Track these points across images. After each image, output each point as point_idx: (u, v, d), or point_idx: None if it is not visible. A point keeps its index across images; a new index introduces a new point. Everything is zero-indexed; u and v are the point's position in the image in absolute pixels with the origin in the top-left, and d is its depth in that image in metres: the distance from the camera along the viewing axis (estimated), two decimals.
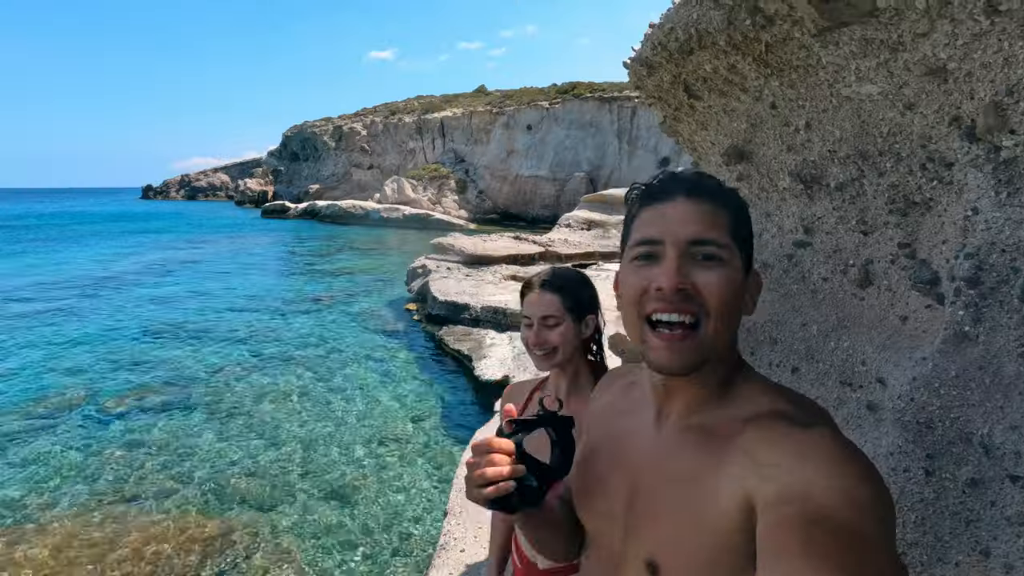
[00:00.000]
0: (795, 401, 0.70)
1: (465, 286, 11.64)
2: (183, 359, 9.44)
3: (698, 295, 0.67)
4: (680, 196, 0.71)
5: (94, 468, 5.88)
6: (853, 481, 0.56)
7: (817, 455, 0.59)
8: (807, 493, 0.55)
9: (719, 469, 0.65)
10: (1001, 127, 0.91)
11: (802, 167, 1.51)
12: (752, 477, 0.61)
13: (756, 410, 0.69)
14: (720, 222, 0.69)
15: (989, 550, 0.88)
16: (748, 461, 0.63)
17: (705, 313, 0.67)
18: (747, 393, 0.72)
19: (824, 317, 1.59)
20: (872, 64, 1.07)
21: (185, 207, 64.70)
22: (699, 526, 0.65)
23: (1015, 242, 0.93)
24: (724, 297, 0.67)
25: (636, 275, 0.71)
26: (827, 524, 0.52)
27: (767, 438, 0.64)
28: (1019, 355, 0.90)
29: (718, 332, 0.68)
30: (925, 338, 1.19)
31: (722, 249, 0.68)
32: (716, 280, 0.67)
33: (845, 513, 0.53)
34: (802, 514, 0.54)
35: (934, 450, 0.98)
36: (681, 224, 0.69)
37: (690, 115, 1.78)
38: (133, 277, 17.55)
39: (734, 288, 0.69)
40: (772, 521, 0.56)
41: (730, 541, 0.62)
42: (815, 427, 0.64)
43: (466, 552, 3.12)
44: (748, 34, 1.20)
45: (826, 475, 0.56)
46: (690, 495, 0.67)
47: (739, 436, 0.66)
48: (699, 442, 0.70)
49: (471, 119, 44.32)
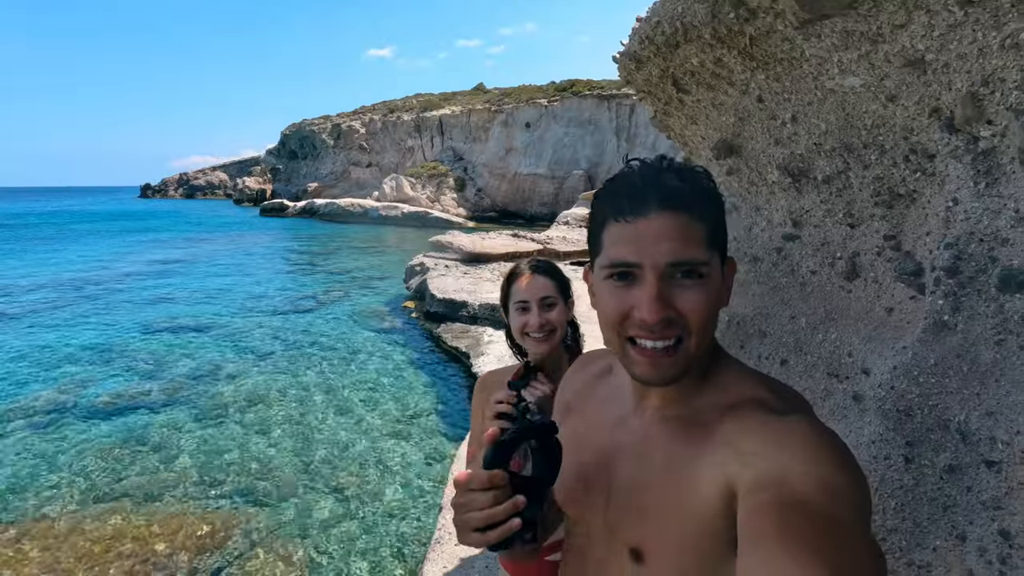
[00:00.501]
0: (773, 389, 0.71)
1: (463, 284, 11.65)
2: (180, 357, 9.45)
3: (680, 317, 0.66)
4: (653, 211, 0.66)
5: (90, 466, 5.89)
6: (829, 468, 0.57)
7: (794, 442, 0.60)
8: (783, 479, 0.56)
9: (700, 457, 0.66)
10: (978, 118, 0.92)
11: (789, 160, 1.52)
12: (733, 464, 0.62)
13: (735, 398, 0.70)
14: (698, 235, 0.66)
15: (965, 534, 0.89)
16: (729, 449, 0.64)
17: (687, 332, 0.67)
18: (725, 380, 0.73)
19: (812, 310, 1.60)
20: (854, 56, 1.08)
21: (183, 206, 64.62)
22: (682, 513, 0.66)
23: (993, 232, 0.94)
24: (706, 313, 0.67)
25: (615, 297, 0.69)
26: (802, 509, 0.53)
27: (746, 426, 0.65)
28: (996, 343, 0.91)
29: (700, 343, 0.68)
30: (909, 329, 1.21)
31: (702, 265, 0.66)
32: (698, 299, 0.66)
33: (820, 499, 0.54)
34: (778, 500, 0.55)
35: (913, 437, 0.99)
36: (657, 244, 0.65)
37: (679, 109, 1.79)
38: (131, 276, 17.53)
39: (715, 299, 0.69)
40: (750, 507, 0.57)
41: (712, 527, 0.63)
42: (792, 415, 0.65)
43: (460, 546, 3.13)
44: (732, 27, 1.21)
45: (802, 462, 0.57)
46: (672, 482, 0.68)
47: (719, 424, 0.67)
48: (679, 431, 0.71)
49: (470, 117, 44.28)
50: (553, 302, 1.45)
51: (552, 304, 1.44)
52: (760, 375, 0.75)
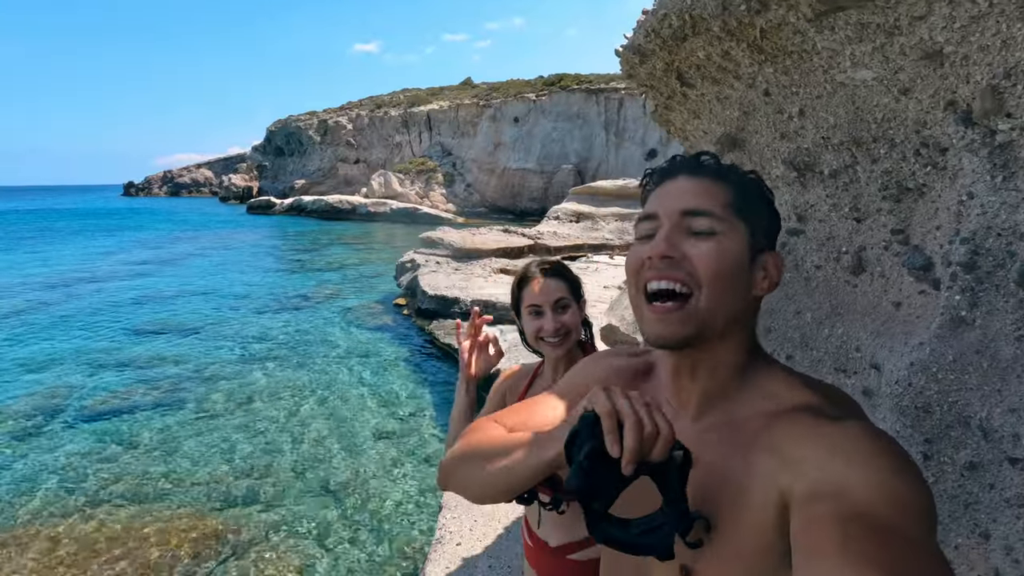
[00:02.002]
0: (823, 392, 0.68)
1: (455, 280, 11.60)
2: (169, 358, 9.33)
3: (688, 264, 0.67)
4: (682, 174, 0.72)
5: (81, 470, 5.80)
6: (889, 475, 0.54)
7: (849, 449, 0.57)
8: (842, 489, 0.53)
9: (749, 467, 0.64)
10: (998, 111, 0.91)
11: (795, 155, 1.51)
12: (784, 474, 0.59)
13: (782, 404, 0.67)
14: (717, 195, 0.70)
15: (989, 532, 0.88)
16: (779, 457, 0.61)
17: (696, 284, 0.67)
18: (770, 385, 0.70)
19: (818, 305, 1.60)
20: (868, 49, 1.06)
21: (168, 204, 63.75)
22: (732, 526, 0.63)
23: (1011, 226, 0.93)
24: (715, 268, 0.66)
25: (636, 251, 0.73)
26: (864, 521, 0.50)
27: (796, 433, 0.62)
28: (1016, 338, 0.90)
29: (711, 303, 0.67)
30: (919, 323, 1.20)
31: (716, 221, 0.68)
32: (707, 251, 0.67)
33: (883, 510, 0.51)
34: (837, 512, 0.52)
35: (932, 434, 0.98)
36: (676, 198, 0.71)
37: (682, 103, 1.77)
38: (116, 276, 17.27)
39: (730, 261, 0.67)
40: (806, 519, 0.54)
41: (764, 539, 0.60)
42: (846, 420, 0.62)
43: (462, 545, 3.12)
44: (743, 20, 1.19)
45: (861, 470, 0.54)
46: (722, 494, 0.65)
47: (766, 432, 0.65)
48: (725, 439, 0.68)
49: (458, 112, 44.06)
50: (567, 304, 1.44)
51: (566, 306, 1.44)
52: (809, 379, 0.72)
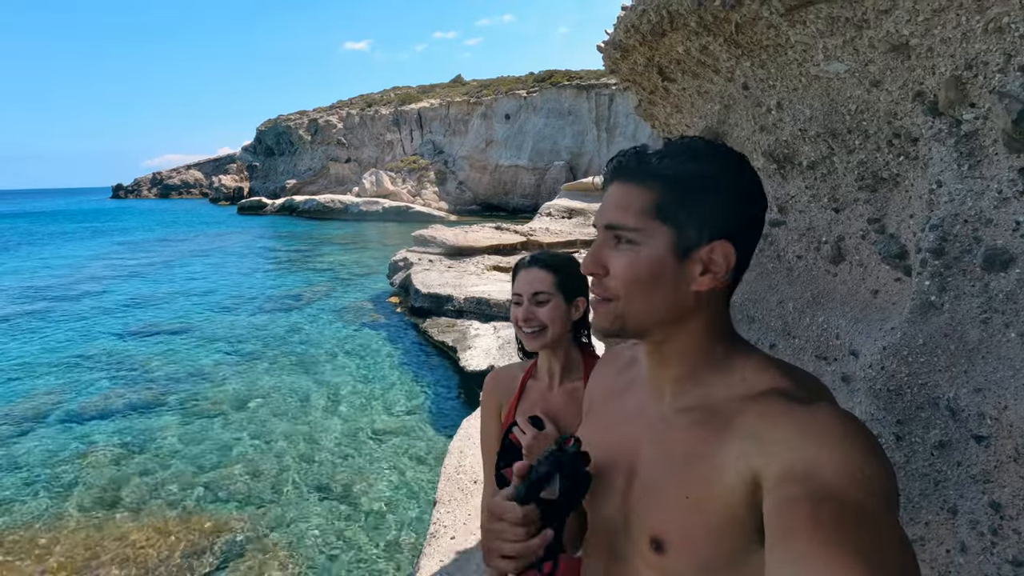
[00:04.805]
0: (795, 377, 0.71)
1: (448, 277, 11.61)
2: (162, 360, 9.29)
3: (608, 278, 0.72)
4: (615, 180, 0.75)
5: (74, 473, 5.78)
6: (857, 457, 0.56)
7: (820, 431, 0.59)
8: (812, 471, 0.56)
9: (722, 447, 0.66)
10: (961, 101, 0.94)
11: (775, 147, 1.54)
12: (756, 455, 0.62)
13: (756, 388, 0.69)
14: (635, 202, 0.71)
15: (956, 508, 0.92)
16: (752, 440, 0.63)
17: (615, 293, 0.72)
18: (744, 369, 0.73)
19: (799, 294, 1.63)
20: (839, 42, 1.09)
21: (158, 205, 63.25)
22: (705, 502, 0.65)
23: (976, 213, 0.96)
24: (628, 278, 0.71)
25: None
26: (833, 502, 0.52)
27: (768, 415, 0.64)
28: (982, 321, 0.93)
29: (630, 307, 0.72)
30: (894, 310, 1.23)
31: (632, 232, 0.71)
32: (622, 263, 0.71)
33: (851, 490, 0.53)
34: (809, 492, 0.54)
35: (904, 416, 1.01)
36: (604, 210, 0.74)
37: (665, 98, 1.80)
38: (107, 279, 17.15)
39: (645, 268, 0.70)
40: (779, 499, 0.56)
41: (736, 516, 0.62)
42: (816, 403, 0.64)
43: (456, 539, 3.14)
44: (718, 15, 1.22)
45: (830, 452, 0.56)
46: (694, 472, 0.68)
47: (740, 415, 0.67)
48: (700, 421, 0.71)
49: (449, 109, 43.96)
50: (546, 298, 1.36)
51: (544, 300, 1.36)
52: (781, 363, 0.74)
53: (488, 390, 1.57)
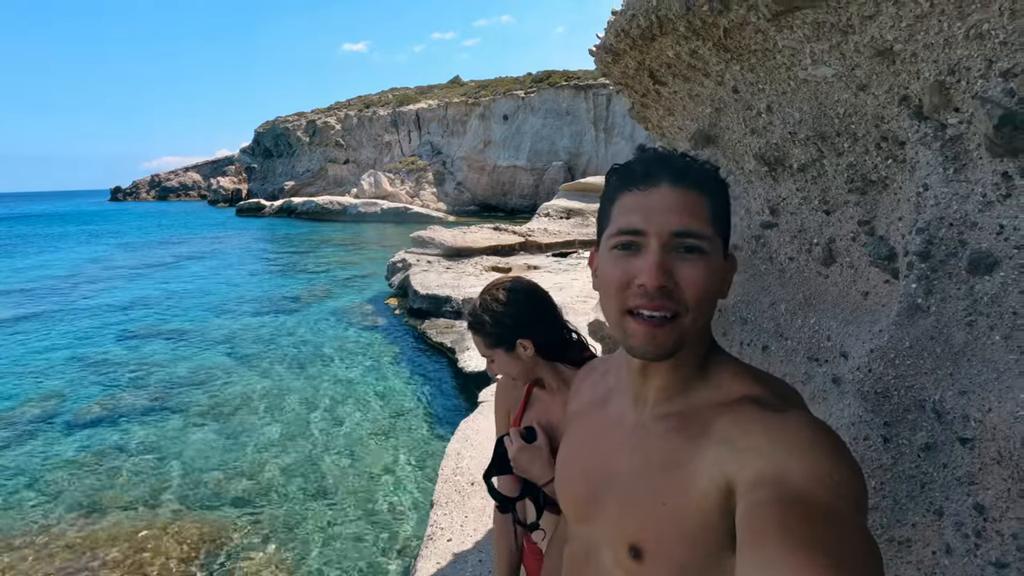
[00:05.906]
0: (769, 385, 0.72)
1: (446, 279, 11.61)
2: (160, 362, 9.29)
3: (678, 290, 0.67)
4: (664, 183, 0.69)
5: (70, 475, 5.78)
6: (827, 464, 0.57)
7: (791, 439, 0.60)
8: (782, 476, 0.57)
9: (697, 453, 0.67)
10: (946, 105, 0.94)
11: (766, 149, 1.54)
12: (730, 461, 0.62)
13: (731, 395, 0.70)
14: (703, 211, 0.68)
15: (942, 510, 0.92)
16: (726, 446, 0.64)
17: (684, 308, 0.68)
18: (720, 378, 0.73)
19: (791, 295, 1.64)
20: (825, 47, 1.10)
21: (156, 208, 63.21)
22: (680, 508, 0.66)
23: (962, 216, 0.97)
24: (704, 290, 0.67)
25: (617, 266, 0.70)
26: (803, 506, 0.53)
27: (743, 423, 0.65)
28: (967, 324, 0.94)
29: (696, 321, 0.69)
30: (883, 312, 1.24)
31: (704, 240, 0.67)
32: (698, 274, 0.67)
33: (820, 495, 0.54)
34: (779, 497, 0.55)
35: (891, 418, 1.02)
36: (665, 214, 0.67)
37: (657, 101, 1.80)
38: (106, 281, 17.13)
39: (715, 279, 0.69)
40: (750, 503, 0.57)
41: (710, 522, 0.63)
42: (788, 411, 0.65)
43: (453, 541, 3.15)
44: (706, 19, 1.22)
45: (800, 458, 0.58)
46: (671, 479, 0.68)
47: (716, 422, 0.68)
48: (676, 428, 0.72)
49: (447, 110, 43.97)
50: (489, 357, 1.37)
51: (490, 359, 1.37)
52: (756, 371, 0.75)
53: (498, 397, 1.60)
